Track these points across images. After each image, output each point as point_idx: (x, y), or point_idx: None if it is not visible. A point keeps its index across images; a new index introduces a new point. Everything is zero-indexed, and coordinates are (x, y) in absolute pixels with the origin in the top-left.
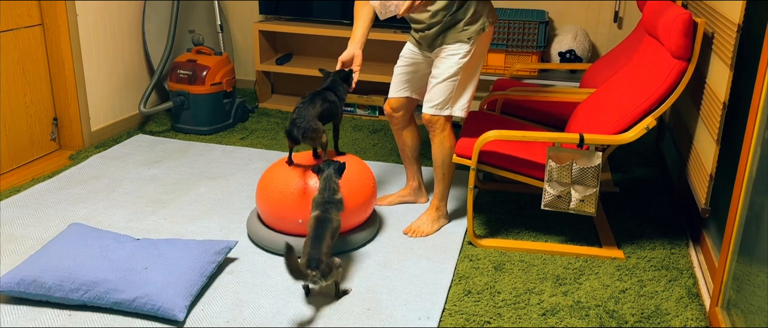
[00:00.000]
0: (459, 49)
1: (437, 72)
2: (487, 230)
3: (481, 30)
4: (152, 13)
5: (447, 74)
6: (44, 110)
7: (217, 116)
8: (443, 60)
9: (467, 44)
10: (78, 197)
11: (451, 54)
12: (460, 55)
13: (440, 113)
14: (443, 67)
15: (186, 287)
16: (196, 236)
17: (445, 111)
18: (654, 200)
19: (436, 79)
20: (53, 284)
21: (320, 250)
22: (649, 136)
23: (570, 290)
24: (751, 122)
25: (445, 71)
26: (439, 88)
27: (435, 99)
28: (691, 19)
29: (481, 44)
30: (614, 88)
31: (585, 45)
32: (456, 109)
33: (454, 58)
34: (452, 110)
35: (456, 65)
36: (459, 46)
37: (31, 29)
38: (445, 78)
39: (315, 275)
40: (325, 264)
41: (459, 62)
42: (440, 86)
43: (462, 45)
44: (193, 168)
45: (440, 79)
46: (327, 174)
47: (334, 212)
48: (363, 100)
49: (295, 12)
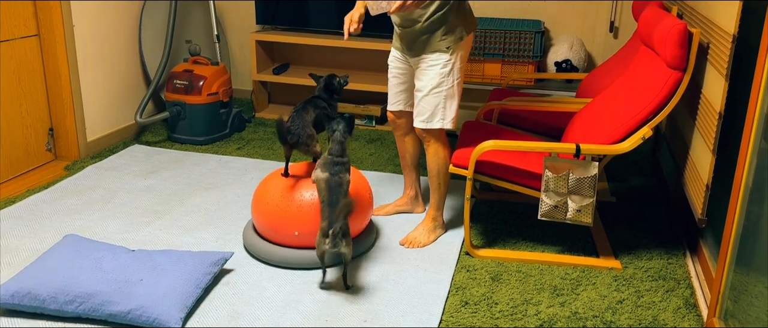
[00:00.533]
0: (438, 59)
1: (421, 84)
2: (484, 240)
3: (459, 39)
4: (149, 23)
5: (430, 86)
6: (40, 121)
7: (213, 126)
8: (425, 72)
9: (446, 54)
10: (73, 207)
11: (432, 65)
12: (440, 65)
13: (430, 126)
14: (426, 80)
15: (181, 299)
16: (191, 248)
17: (434, 124)
18: (650, 209)
19: (421, 92)
20: (48, 296)
21: (336, 215)
22: (646, 146)
23: (567, 301)
24: (747, 132)
25: (428, 83)
26: (425, 101)
27: (423, 112)
28: (686, 29)
29: (460, 53)
30: (610, 98)
31: (581, 55)
32: (447, 122)
33: (435, 69)
34: (444, 122)
35: (438, 76)
36: (438, 56)
37: (28, 40)
38: (430, 90)
39: (337, 241)
40: (342, 226)
41: (440, 72)
42: (427, 99)
43: (441, 55)
44: (189, 178)
45: (425, 91)
46: (337, 132)
47: (343, 173)
48: (359, 109)
49: (291, 22)
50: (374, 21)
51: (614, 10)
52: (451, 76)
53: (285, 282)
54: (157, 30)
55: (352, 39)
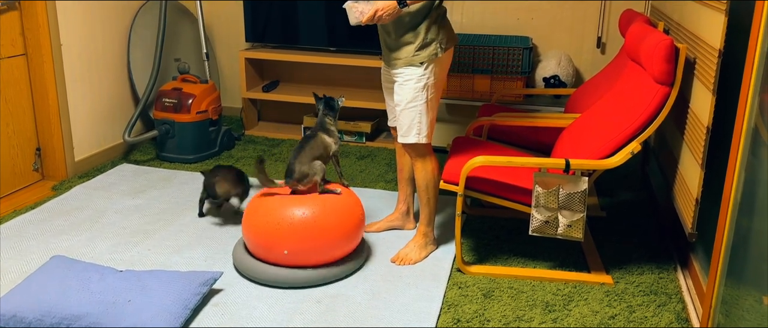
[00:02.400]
0: (412, 73)
1: (397, 99)
2: (475, 256)
3: (434, 55)
4: (138, 41)
5: (405, 100)
6: (27, 140)
7: (202, 144)
8: (401, 86)
9: (420, 68)
10: (60, 228)
11: (407, 80)
12: (414, 80)
13: (406, 141)
14: (402, 94)
15: (170, 320)
16: (180, 267)
17: (410, 138)
18: (641, 224)
19: (398, 106)
20: (34, 319)
21: (296, 160)
22: (635, 161)
23: (560, 317)
24: (735, 146)
25: (403, 97)
26: (403, 115)
27: (401, 127)
28: (673, 44)
29: (436, 68)
30: (599, 114)
31: (569, 70)
32: (421, 136)
33: (409, 84)
34: (419, 138)
35: (412, 90)
36: (412, 71)
37: (15, 59)
38: (405, 104)
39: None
40: (298, 173)
41: (415, 87)
42: (404, 113)
43: (415, 69)
44: (178, 197)
45: (401, 106)
46: (321, 115)
47: (321, 133)
48: (349, 126)
49: (281, 39)
50: (364, 37)
51: (601, 26)
52: (424, 92)
53: (275, 302)
54: (145, 48)
55: (342, 56)
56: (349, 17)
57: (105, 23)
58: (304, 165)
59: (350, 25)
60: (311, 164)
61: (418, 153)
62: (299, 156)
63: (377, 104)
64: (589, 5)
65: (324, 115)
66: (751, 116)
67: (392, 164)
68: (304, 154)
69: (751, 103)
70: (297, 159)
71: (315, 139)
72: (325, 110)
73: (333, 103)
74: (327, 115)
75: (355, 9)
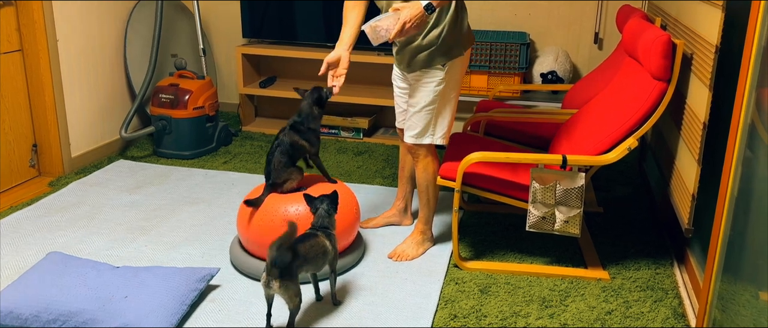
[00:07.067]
0: (433, 76)
1: (413, 101)
2: (472, 252)
3: (455, 56)
4: (134, 37)
5: (423, 103)
6: (23, 137)
7: (199, 141)
8: (419, 89)
9: (441, 72)
10: (57, 224)
11: (427, 82)
12: (434, 82)
13: (420, 142)
14: (419, 96)
15: (167, 317)
16: (177, 263)
17: (425, 139)
18: (637, 219)
19: (413, 108)
20: (30, 315)
21: (271, 166)
22: (632, 156)
23: (556, 313)
24: (732, 141)
25: (421, 100)
26: (417, 117)
27: (414, 128)
28: (670, 40)
29: (455, 70)
30: (596, 110)
31: (566, 66)
32: (436, 138)
33: (429, 86)
34: (433, 138)
35: (432, 93)
36: (434, 74)
37: (11, 55)
38: (422, 107)
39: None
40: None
41: (435, 90)
42: (418, 115)
43: (437, 72)
44: (175, 193)
45: (417, 108)
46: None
47: (291, 132)
48: (347, 122)
49: (278, 35)
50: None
51: (599, 22)
52: (445, 93)
53: None
54: (142, 44)
55: None
56: (372, 39)
57: (101, 19)
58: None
59: (374, 45)
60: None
61: (424, 153)
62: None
63: (375, 100)
64: (587, 1)
65: (309, 108)
66: (748, 112)
67: (390, 160)
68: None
69: (748, 99)
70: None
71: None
72: (310, 103)
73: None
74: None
75: (379, 28)
